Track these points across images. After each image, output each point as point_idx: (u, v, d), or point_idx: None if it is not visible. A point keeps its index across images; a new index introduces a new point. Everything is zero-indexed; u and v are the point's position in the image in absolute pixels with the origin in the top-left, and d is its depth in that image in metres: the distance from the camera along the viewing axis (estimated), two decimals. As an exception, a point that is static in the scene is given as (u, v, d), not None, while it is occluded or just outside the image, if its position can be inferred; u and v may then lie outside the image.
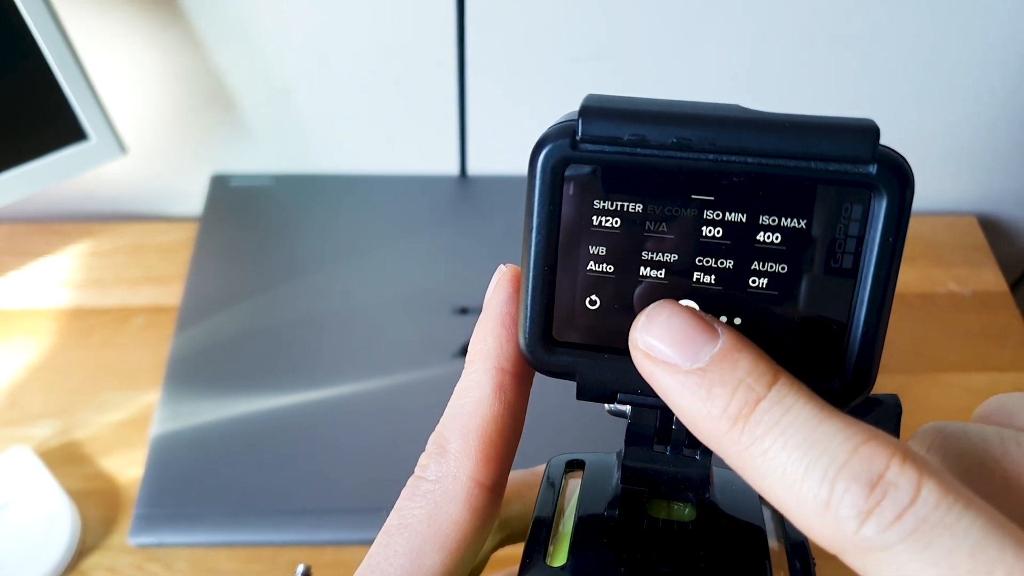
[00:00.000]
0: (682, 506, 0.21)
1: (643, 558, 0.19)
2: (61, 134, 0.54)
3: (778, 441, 0.15)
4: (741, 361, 0.16)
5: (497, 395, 0.20)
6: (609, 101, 0.18)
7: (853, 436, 0.15)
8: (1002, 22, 0.62)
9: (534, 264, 0.19)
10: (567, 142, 0.18)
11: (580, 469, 0.22)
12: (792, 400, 0.16)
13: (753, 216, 0.18)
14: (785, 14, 0.62)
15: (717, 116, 0.17)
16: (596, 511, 0.20)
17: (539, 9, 0.61)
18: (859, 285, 0.18)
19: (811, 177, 0.17)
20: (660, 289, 0.19)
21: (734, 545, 0.20)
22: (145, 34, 0.62)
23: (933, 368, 0.64)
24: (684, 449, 0.20)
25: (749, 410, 0.16)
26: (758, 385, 0.16)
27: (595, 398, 0.20)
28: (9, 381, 0.60)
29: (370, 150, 0.72)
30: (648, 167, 0.18)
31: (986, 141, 0.72)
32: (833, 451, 0.15)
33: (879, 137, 0.17)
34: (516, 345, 0.20)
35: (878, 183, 0.17)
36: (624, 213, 0.18)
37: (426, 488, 0.20)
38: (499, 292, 0.20)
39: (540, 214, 0.19)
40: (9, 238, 0.69)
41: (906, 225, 0.17)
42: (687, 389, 0.17)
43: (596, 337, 0.20)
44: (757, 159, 0.17)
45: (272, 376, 0.59)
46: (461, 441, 0.20)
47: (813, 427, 0.15)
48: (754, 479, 0.16)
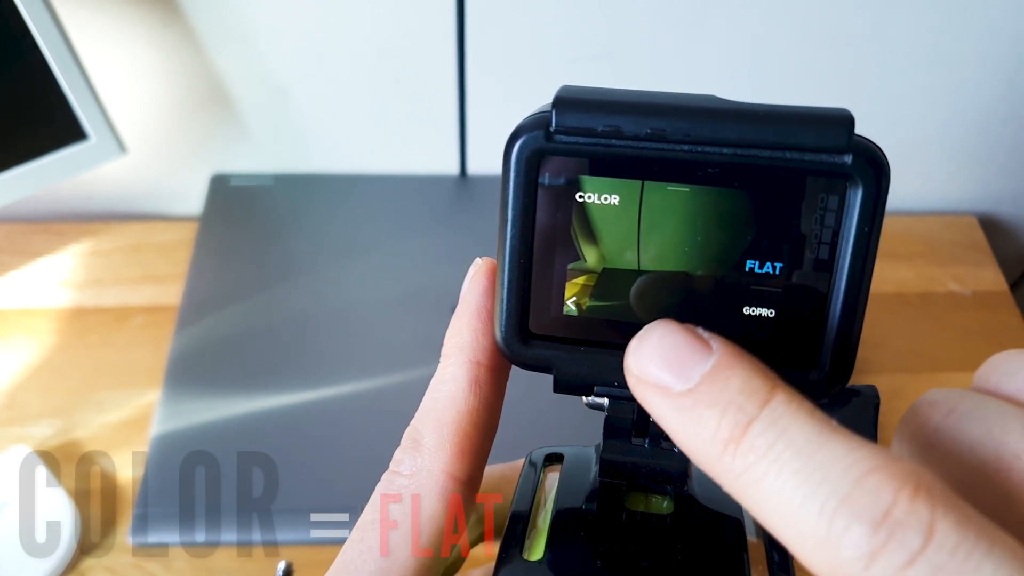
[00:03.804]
0: (660, 499, 0.20)
1: (620, 551, 0.19)
2: (61, 134, 0.54)
3: (773, 467, 0.14)
4: (732, 379, 0.15)
5: (472, 389, 0.20)
6: (583, 92, 0.18)
7: (856, 463, 0.13)
8: (1002, 22, 0.62)
9: (509, 257, 0.19)
10: (541, 133, 0.18)
11: (559, 463, 0.22)
12: (788, 421, 0.14)
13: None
14: (784, 14, 0.62)
15: (692, 107, 0.17)
16: (574, 504, 0.20)
17: (539, 9, 0.61)
18: (835, 276, 0.18)
19: (786, 167, 0.17)
20: (636, 280, 0.19)
21: (712, 538, 0.19)
22: (145, 34, 0.62)
23: (932, 368, 0.64)
24: (662, 442, 0.20)
25: (740, 432, 0.15)
26: (749, 404, 0.15)
27: (572, 391, 0.20)
28: (9, 381, 0.60)
29: (370, 150, 0.72)
30: (623, 158, 0.18)
31: (986, 141, 0.72)
32: (833, 480, 0.13)
33: (854, 126, 0.17)
34: (492, 338, 0.20)
35: (853, 173, 0.17)
36: (600, 205, 0.18)
37: (400, 483, 0.20)
38: (475, 285, 0.20)
39: (515, 206, 0.18)
40: (9, 238, 0.68)
41: (882, 215, 0.17)
42: (678, 412, 0.16)
43: (572, 330, 0.19)
44: (732, 149, 0.17)
45: (272, 376, 0.59)
46: (435, 435, 0.20)
47: (811, 451, 0.14)
48: (752, 509, 0.15)
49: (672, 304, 0.19)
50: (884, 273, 0.70)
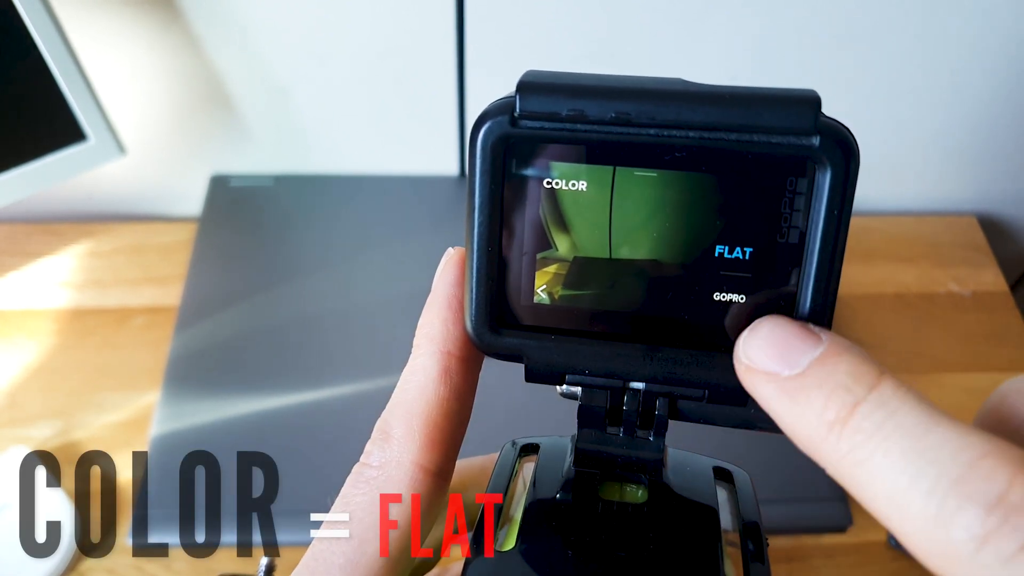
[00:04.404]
0: (635, 488, 0.20)
1: (593, 541, 0.19)
2: (60, 134, 0.54)
3: (880, 448, 0.14)
4: (840, 364, 0.15)
5: (443, 379, 0.20)
6: (548, 77, 0.18)
7: (968, 447, 0.13)
8: (1002, 22, 0.62)
9: (478, 245, 0.19)
10: (506, 119, 0.17)
11: (535, 453, 0.22)
12: (897, 404, 0.14)
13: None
14: (785, 15, 0.62)
15: (657, 90, 0.17)
16: (548, 494, 0.20)
17: (539, 9, 0.61)
18: (806, 260, 0.18)
19: (753, 150, 0.17)
20: (606, 266, 0.18)
21: (686, 526, 0.19)
22: (145, 35, 0.62)
23: (933, 368, 0.64)
24: (637, 431, 0.20)
25: (847, 414, 0.15)
26: (857, 387, 0.15)
27: (544, 380, 0.20)
28: (9, 382, 0.60)
29: (370, 150, 0.72)
30: (588, 143, 0.17)
31: (986, 141, 0.71)
32: (943, 462, 0.13)
33: (820, 107, 0.17)
34: (463, 328, 0.20)
35: (821, 155, 0.17)
36: (569, 192, 0.18)
37: (369, 475, 0.19)
38: (446, 275, 0.20)
39: (481, 193, 0.18)
40: (9, 238, 0.68)
41: (851, 198, 0.17)
42: (785, 395, 0.16)
43: (544, 319, 0.19)
44: (698, 133, 0.17)
45: (272, 376, 0.59)
46: (405, 426, 0.19)
47: (920, 434, 0.14)
48: (855, 490, 0.15)
49: (642, 291, 0.18)
50: (884, 274, 0.70)
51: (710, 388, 0.19)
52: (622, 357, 0.19)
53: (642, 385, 0.19)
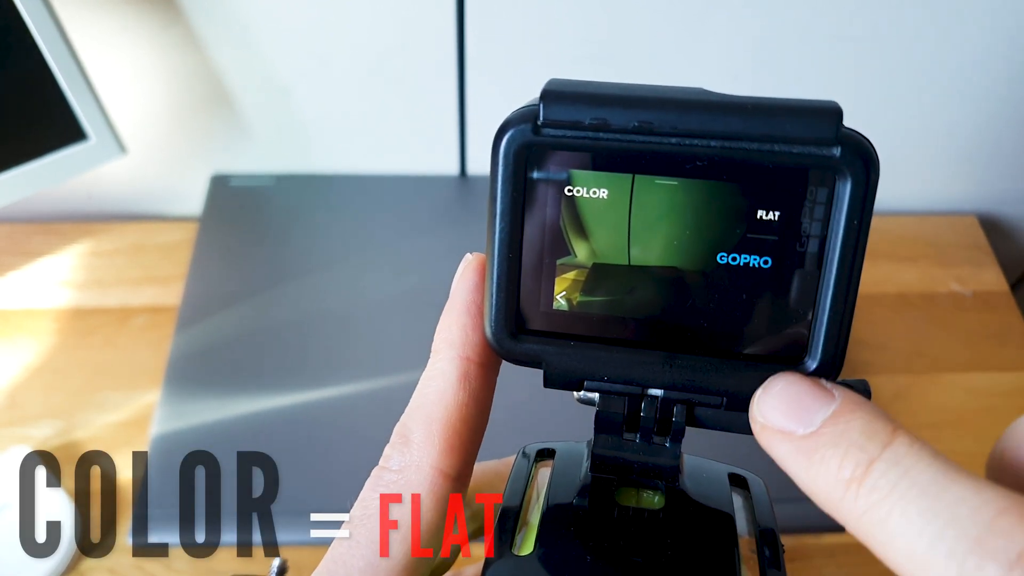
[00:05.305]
0: (651, 494, 0.20)
1: (610, 546, 0.19)
2: (61, 134, 0.54)
3: (897, 507, 0.14)
4: (854, 422, 0.15)
5: (462, 384, 0.20)
6: (571, 85, 0.18)
7: (985, 504, 0.13)
8: (1002, 22, 0.62)
9: (498, 252, 0.19)
10: (529, 127, 0.18)
11: (551, 458, 0.22)
12: (911, 461, 0.14)
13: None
14: (786, 15, 0.62)
15: (679, 99, 0.17)
16: (565, 499, 0.20)
17: (539, 9, 0.61)
18: (825, 269, 0.18)
19: (774, 160, 0.17)
20: (625, 273, 0.18)
21: (703, 532, 0.19)
22: (145, 34, 0.62)
23: (934, 368, 0.64)
24: (654, 437, 0.20)
25: (862, 472, 0.15)
26: (871, 445, 0.15)
27: (562, 386, 0.20)
28: (9, 381, 0.60)
29: (370, 150, 0.72)
30: (610, 151, 0.17)
31: (987, 141, 0.71)
32: (962, 522, 0.13)
33: (842, 118, 0.17)
34: (482, 334, 0.20)
35: (842, 165, 0.17)
36: (589, 199, 0.18)
37: (389, 478, 0.20)
38: (465, 280, 0.20)
39: (503, 201, 0.18)
40: (9, 238, 0.68)
41: (871, 208, 0.17)
42: (801, 455, 0.16)
43: (562, 325, 0.19)
44: (720, 142, 0.17)
45: (272, 376, 0.59)
46: (424, 430, 0.20)
47: (936, 492, 0.14)
48: (876, 548, 0.15)
49: (661, 298, 0.19)
50: (886, 274, 0.70)
51: (728, 396, 0.19)
52: (641, 364, 0.19)
53: (660, 392, 0.20)
